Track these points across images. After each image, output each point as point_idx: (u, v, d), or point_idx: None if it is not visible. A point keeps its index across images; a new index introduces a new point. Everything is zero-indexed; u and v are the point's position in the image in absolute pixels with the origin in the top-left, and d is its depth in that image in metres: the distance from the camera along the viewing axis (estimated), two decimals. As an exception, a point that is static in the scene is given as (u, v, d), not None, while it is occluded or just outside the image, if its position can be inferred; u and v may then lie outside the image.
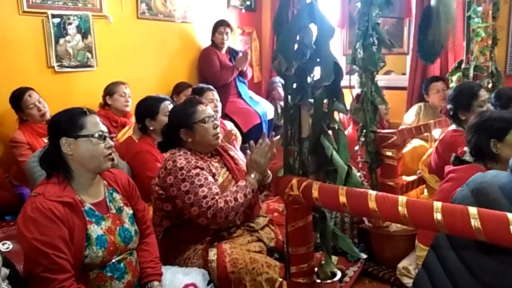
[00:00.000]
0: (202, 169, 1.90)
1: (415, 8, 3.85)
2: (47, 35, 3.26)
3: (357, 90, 2.49)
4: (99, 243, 1.49)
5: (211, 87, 3.19)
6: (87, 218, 1.51)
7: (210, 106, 3.10)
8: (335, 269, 1.66)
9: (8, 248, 1.98)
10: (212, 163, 2.03)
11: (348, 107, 2.23)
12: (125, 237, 1.59)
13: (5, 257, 0.69)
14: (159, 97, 2.70)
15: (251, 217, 2.09)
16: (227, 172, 2.07)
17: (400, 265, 2.26)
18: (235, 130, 3.56)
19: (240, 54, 4.23)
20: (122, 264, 1.57)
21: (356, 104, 2.44)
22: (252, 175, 1.96)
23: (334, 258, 1.89)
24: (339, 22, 4.45)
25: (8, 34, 3.08)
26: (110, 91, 3.34)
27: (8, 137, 2.95)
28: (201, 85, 3.32)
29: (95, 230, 1.50)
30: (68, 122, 1.53)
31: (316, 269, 1.61)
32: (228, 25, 4.19)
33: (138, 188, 1.79)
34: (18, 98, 2.90)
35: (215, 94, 3.14)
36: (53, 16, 3.26)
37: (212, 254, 1.84)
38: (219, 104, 3.20)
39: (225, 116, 3.92)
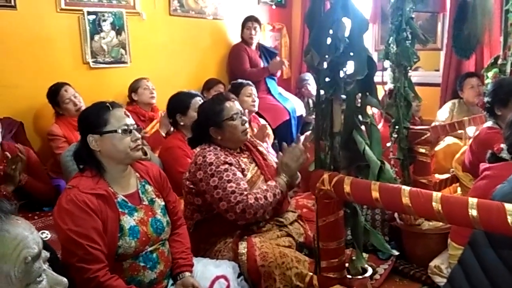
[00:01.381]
0: (231, 164, 1.91)
1: (449, 2, 3.75)
2: (82, 31, 3.35)
3: (389, 86, 2.45)
4: (132, 233, 1.53)
5: (250, 82, 3.22)
6: (120, 210, 1.54)
7: (248, 100, 3.17)
8: (366, 265, 1.64)
9: (46, 237, 2.06)
10: (241, 158, 2.04)
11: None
12: (157, 228, 1.62)
13: (44, 242, 0.72)
14: (190, 93, 2.74)
15: (280, 212, 2.09)
16: (256, 168, 2.08)
17: (432, 263, 2.22)
18: (268, 128, 3.58)
19: (278, 59, 4.24)
20: (154, 255, 1.60)
21: (389, 100, 2.41)
22: (282, 177, 1.98)
23: (365, 255, 1.87)
24: (371, 17, 4.38)
25: (46, 31, 3.19)
26: (134, 87, 3.44)
27: (45, 130, 3.05)
28: (240, 80, 3.36)
29: (128, 221, 1.54)
30: (92, 119, 1.56)
31: (346, 264, 1.61)
32: (256, 20, 4.20)
33: (169, 182, 1.83)
34: (55, 93, 3.00)
35: (253, 89, 3.18)
36: (89, 13, 3.35)
37: (242, 247, 1.86)
38: (257, 99, 3.22)
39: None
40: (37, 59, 3.15)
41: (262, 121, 3.58)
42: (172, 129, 2.85)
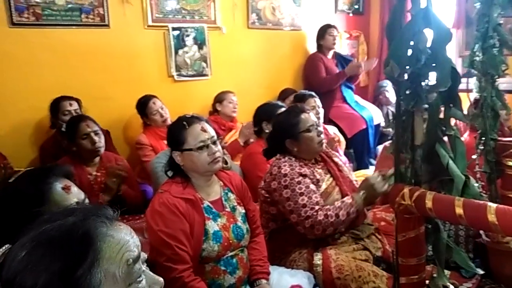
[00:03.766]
0: (305, 176, 1.92)
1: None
2: (167, 47, 3.56)
3: (475, 95, 2.32)
4: (215, 238, 1.61)
5: (313, 93, 3.22)
6: (206, 214, 1.64)
7: (312, 113, 3.16)
8: (448, 283, 1.57)
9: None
10: (316, 169, 2.05)
11: (465, 112, 2.09)
12: (238, 234, 1.69)
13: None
14: (277, 104, 2.85)
15: (355, 225, 2.05)
16: (331, 179, 2.07)
17: (523, 285, 2.06)
18: (338, 136, 3.55)
19: (355, 61, 4.19)
20: (234, 260, 1.67)
21: (475, 110, 2.28)
22: (361, 194, 1.92)
23: (447, 272, 1.79)
24: (454, 22, 4.18)
25: (135, 47, 3.43)
26: (220, 98, 3.61)
27: (133, 139, 3.28)
28: (303, 91, 3.37)
29: (212, 226, 1.63)
30: (173, 137, 1.69)
31: (427, 282, 1.55)
32: (336, 28, 4.20)
33: (249, 187, 1.89)
34: (144, 104, 3.22)
35: (317, 101, 3.16)
36: (173, 29, 3.56)
37: (317, 258, 1.86)
38: (321, 111, 3.21)
39: (329, 121, 3.92)
40: (127, 73, 3.40)
41: (331, 131, 3.58)
42: (251, 140, 2.98)
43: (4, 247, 0.95)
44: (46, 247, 0.68)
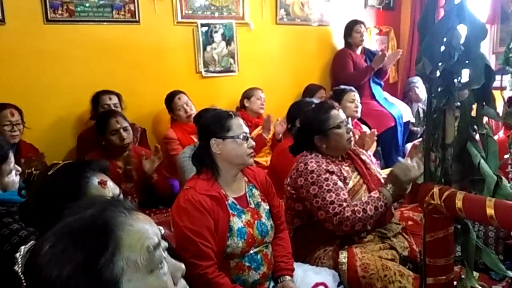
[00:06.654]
0: (332, 173, 1.90)
1: None
2: (196, 43, 3.60)
3: (509, 93, 2.25)
4: (239, 234, 1.62)
5: (353, 88, 3.19)
6: (230, 211, 1.65)
7: (351, 106, 3.14)
8: (477, 285, 1.54)
9: (162, 232, 2.25)
10: (343, 166, 2.03)
11: (499, 111, 2.03)
12: (262, 230, 1.70)
13: (162, 235, 0.82)
14: (311, 101, 2.82)
15: (382, 223, 2.03)
16: (358, 177, 2.04)
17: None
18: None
19: (379, 53, 4.13)
20: (259, 256, 1.68)
21: (509, 108, 2.21)
22: (388, 188, 1.88)
23: (476, 274, 1.74)
24: (489, 17, 4.05)
25: (164, 43, 3.48)
26: (248, 94, 3.62)
27: (162, 134, 3.34)
28: (342, 86, 3.36)
29: (236, 222, 1.64)
30: (217, 125, 1.70)
31: (455, 283, 1.52)
32: (364, 24, 4.13)
33: (280, 184, 1.89)
34: (170, 100, 3.27)
35: (356, 95, 3.14)
36: (202, 25, 3.59)
37: (343, 256, 1.85)
38: (360, 105, 3.18)
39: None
40: (156, 69, 3.45)
41: (365, 128, 3.52)
42: (280, 135, 3.01)
43: (30, 243, 1.00)
44: (68, 239, 0.71)
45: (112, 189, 1.20)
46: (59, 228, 0.73)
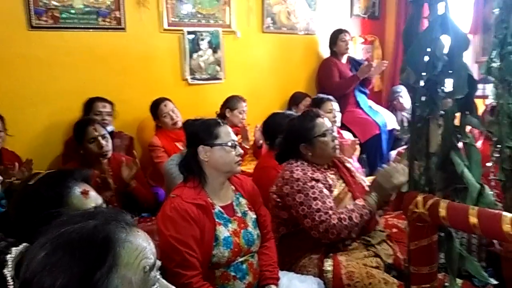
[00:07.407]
0: (318, 181, 1.91)
1: None
2: (182, 50, 3.58)
3: (491, 101, 2.29)
4: (225, 243, 1.61)
5: (331, 97, 3.20)
6: (217, 220, 1.64)
7: (329, 116, 3.15)
8: (461, 293, 1.55)
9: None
10: (329, 174, 2.03)
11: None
12: (249, 239, 1.69)
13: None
14: (289, 114, 2.72)
15: (367, 231, 2.04)
16: (344, 185, 2.05)
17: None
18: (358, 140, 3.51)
19: (365, 62, 4.17)
20: (244, 265, 1.67)
21: (491, 117, 2.25)
22: (372, 195, 1.89)
23: (459, 281, 1.76)
24: (471, 28, 4.14)
25: (150, 50, 3.46)
26: (232, 106, 3.50)
27: (147, 141, 3.30)
28: (320, 95, 3.36)
29: (222, 232, 1.63)
30: (205, 132, 1.70)
31: (439, 291, 1.53)
32: (348, 32, 4.17)
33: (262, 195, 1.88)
34: (155, 107, 3.24)
35: (334, 105, 3.15)
36: (189, 33, 3.57)
37: (328, 264, 1.85)
38: (338, 115, 3.19)
39: (342, 126, 3.89)
40: (142, 76, 3.42)
41: (349, 135, 3.54)
42: (260, 141, 2.98)
43: (21, 246, 0.97)
44: (66, 249, 0.69)
45: (94, 199, 1.19)
46: (56, 236, 0.71)
